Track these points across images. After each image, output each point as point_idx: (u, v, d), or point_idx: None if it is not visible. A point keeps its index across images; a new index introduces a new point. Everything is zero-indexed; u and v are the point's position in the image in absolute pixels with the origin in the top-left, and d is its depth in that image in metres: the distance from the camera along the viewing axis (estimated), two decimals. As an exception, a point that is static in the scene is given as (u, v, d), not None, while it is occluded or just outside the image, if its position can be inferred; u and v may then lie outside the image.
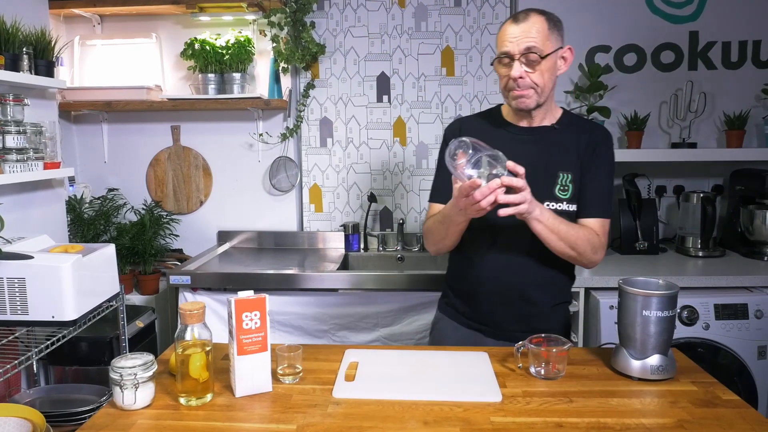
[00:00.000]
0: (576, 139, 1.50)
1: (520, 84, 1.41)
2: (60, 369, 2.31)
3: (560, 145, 1.49)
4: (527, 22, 1.40)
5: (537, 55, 1.39)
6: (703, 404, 1.17)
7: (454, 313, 1.63)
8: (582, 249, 1.43)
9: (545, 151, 1.48)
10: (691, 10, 2.71)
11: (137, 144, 2.92)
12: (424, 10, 2.77)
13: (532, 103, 1.44)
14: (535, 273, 1.51)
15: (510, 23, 1.43)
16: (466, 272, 1.58)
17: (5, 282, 1.64)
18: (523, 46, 1.39)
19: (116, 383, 1.15)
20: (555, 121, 1.52)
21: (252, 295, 1.20)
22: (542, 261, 1.49)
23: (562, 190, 1.46)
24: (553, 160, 1.48)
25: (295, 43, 2.69)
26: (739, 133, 2.64)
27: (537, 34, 1.40)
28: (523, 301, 1.52)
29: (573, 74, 2.75)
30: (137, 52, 2.85)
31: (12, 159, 1.94)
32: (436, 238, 1.54)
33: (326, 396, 1.22)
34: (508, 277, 1.51)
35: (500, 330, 1.55)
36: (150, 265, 2.74)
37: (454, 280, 1.63)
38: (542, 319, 1.54)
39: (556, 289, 1.57)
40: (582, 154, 1.48)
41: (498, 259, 1.51)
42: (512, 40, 1.40)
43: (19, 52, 2.02)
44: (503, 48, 1.42)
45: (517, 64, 1.40)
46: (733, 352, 2.12)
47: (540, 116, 1.51)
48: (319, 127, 2.86)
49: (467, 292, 1.59)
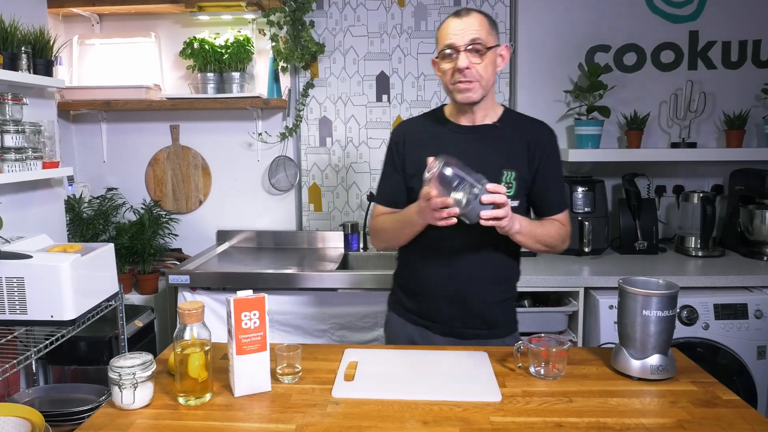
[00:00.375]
0: (520, 138, 1.53)
1: (467, 75, 1.44)
2: (59, 368, 2.31)
3: (503, 142, 1.53)
4: (470, 17, 1.45)
5: (482, 46, 1.43)
6: (703, 404, 1.17)
7: (402, 311, 1.65)
8: (554, 243, 1.53)
9: (489, 148, 1.52)
10: (691, 9, 2.70)
11: (136, 143, 2.92)
12: (423, 9, 2.76)
13: (476, 96, 1.47)
14: (482, 271, 1.54)
15: (452, 19, 1.46)
16: (414, 271, 1.60)
17: (4, 281, 1.63)
18: (468, 38, 1.42)
19: (115, 383, 1.14)
20: (497, 119, 1.55)
21: (251, 295, 1.20)
22: (489, 259, 1.54)
23: (506, 187, 1.48)
24: (496, 158, 1.51)
25: (295, 42, 2.68)
26: (739, 133, 2.64)
27: (480, 27, 1.44)
28: (471, 299, 1.55)
29: (573, 73, 2.75)
30: (136, 52, 2.84)
31: (11, 158, 1.94)
32: (389, 236, 1.59)
33: (325, 396, 1.21)
34: (455, 276, 1.54)
35: (448, 327, 1.57)
36: (149, 264, 2.74)
37: (403, 279, 1.66)
38: (489, 316, 1.57)
39: (503, 286, 1.61)
40: (531, 154, 1.52)
41: (445, 257, 1.54)
42: (457, 32, 1.43)
43: (17, 51, 2.01)
44: (448, 41, 1.45)
45: (463, 55, 1.43)
46: (732, 352, 2.12)
47: (482, 113, 1.54)
48: (318, 126, 2.86)
49: (415, 290, 1.61)
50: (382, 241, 1.63)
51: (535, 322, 2.21)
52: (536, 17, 2.74)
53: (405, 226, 1.51)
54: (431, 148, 1.41)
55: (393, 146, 1.61)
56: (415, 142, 1.57)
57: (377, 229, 1.63)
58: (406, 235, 1.53)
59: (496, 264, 1.56)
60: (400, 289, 1.67)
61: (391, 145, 1.62)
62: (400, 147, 1.58)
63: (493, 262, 1.55)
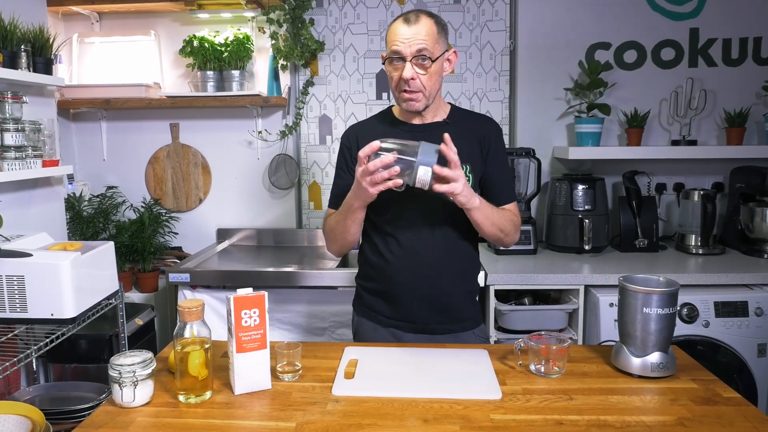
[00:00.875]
0: (469, 132, 1.56)
1: (411, 85, 1.45)
2: (59, 367, 2.31)
3: (456, 138, 1.52)
4: (418, 24, 1.43)
5: (428, 59, 1.43)
6: (704, 402, 1.17)
7: (370, 314, 1.64)
8: (508, 230, 1.52)
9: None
10: (691, 7, 2.70)
11: (136, 142, 2.92)
12: (423, 6, 2.75)
13: (420, 105, 1.49)
14: (446, 265, 1.56)
15: (401, 23, 1.45)
16: (378, 271, 1.60)
17: (4, 280, 1.63)
18: (415, 48, 1.42)
19: (115, 381, 1.14)
20: (446, 116, 1.58)
21: (251, 293, 1.20)
22: (450, 253, 1.56)
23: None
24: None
25: (294, 40, 2.68)
26: (740, 131, 2.64)
27: (428, 36, 1.43)
28: (437, 294, 1.56)
29: (573, 71, 2.75)
30: (136, 50, 2.84)
31: (10, 157, 1.94)
32: (338, 232, 1.55)
33: (326, 393, 1.21)
34: (420, 271, 1.54)
35: (419, 323, 1.58)
36: (149, 262, 2.74)
37: (367, 281, 1.65)
38: (458, 308, 1.59)
39: (466, 278, 1.62)
40: (482, 147, 1.56)
41: (407, 254, 1.54)
42: (404, 41, 1.43)
43: (17, 49, 2.01)
44: (395, 47, 1.44)
45: (408, 66, 1.43)
46: (733, 349, 2.12)
47: (431, 114, 1.57)
48: (318, 124, 2.86)
49: (380, 290, 1.61)
50: (333, 241, 1.60)
51: (536, 319, 2.21)
52: (536, 14, 2.73)
53: (347, 215, 1.49)
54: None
55: (345, 150, 1.62)
56: (367, 143, 1.56)
57: (328, 231, 1.61)
58: (351, 225, 1.51)
59: (459, 257, 1.57)
60: (366, 292, 1.66)
61: (342, 149, 1.63)
62: (353, 150, 1.57)
63: (456, 255, 1.56)
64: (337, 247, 1.61)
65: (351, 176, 1.55)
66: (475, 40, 2.76)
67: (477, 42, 2.76)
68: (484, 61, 2.77)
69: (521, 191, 2.68)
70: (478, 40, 2.76)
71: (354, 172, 1.44)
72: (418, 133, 1.54)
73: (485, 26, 2.75)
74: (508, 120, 2.81)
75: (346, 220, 1.50)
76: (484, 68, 2.78)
